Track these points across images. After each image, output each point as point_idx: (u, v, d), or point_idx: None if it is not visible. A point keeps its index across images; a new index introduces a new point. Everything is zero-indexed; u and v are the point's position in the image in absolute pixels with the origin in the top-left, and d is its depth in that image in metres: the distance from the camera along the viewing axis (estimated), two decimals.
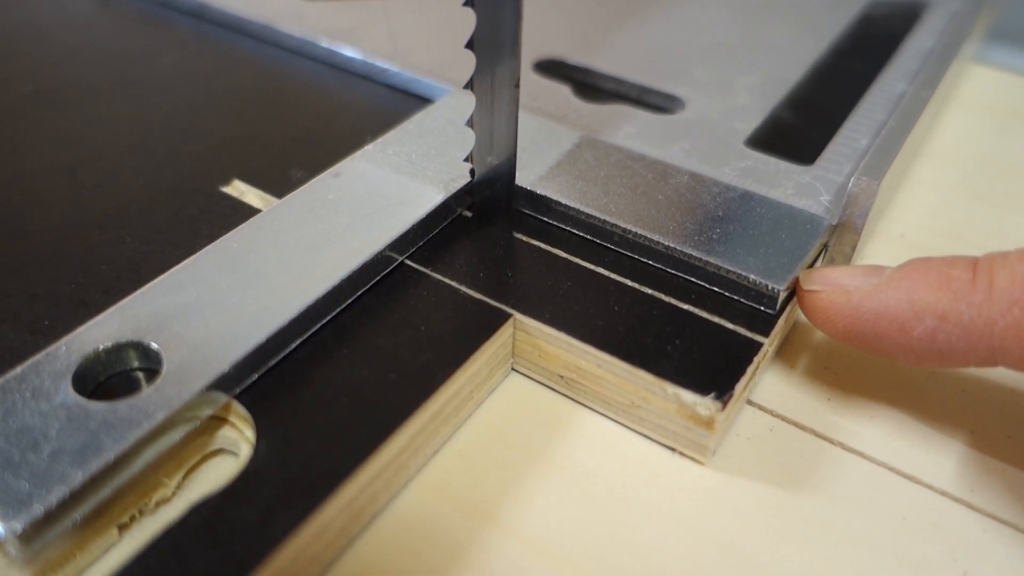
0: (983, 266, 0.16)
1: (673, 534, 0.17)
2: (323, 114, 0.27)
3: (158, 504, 0.16)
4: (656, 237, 0.20)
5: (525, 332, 0.19)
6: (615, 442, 0.18)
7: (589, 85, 0.29)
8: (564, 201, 0.21)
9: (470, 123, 0.20)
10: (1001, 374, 0.20)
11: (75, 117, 0.27)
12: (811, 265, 0.21)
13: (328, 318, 0.19)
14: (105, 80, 0.29)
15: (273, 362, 0.17)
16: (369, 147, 0.23)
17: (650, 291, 0.20)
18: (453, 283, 0.20)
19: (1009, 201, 0.27)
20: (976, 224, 0.26)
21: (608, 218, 0.21)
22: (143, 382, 0.17)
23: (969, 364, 0.17)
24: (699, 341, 0.18)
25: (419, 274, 0.20)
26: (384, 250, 0.20)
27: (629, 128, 0.25)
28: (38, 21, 0.33)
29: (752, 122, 0.26)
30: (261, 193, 0.23)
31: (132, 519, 0.16)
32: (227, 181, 0.24)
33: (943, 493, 0.18)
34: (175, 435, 0.16)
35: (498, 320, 0.19)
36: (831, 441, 0.19)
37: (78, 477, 0.14)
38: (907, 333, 0.17)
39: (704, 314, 0.19)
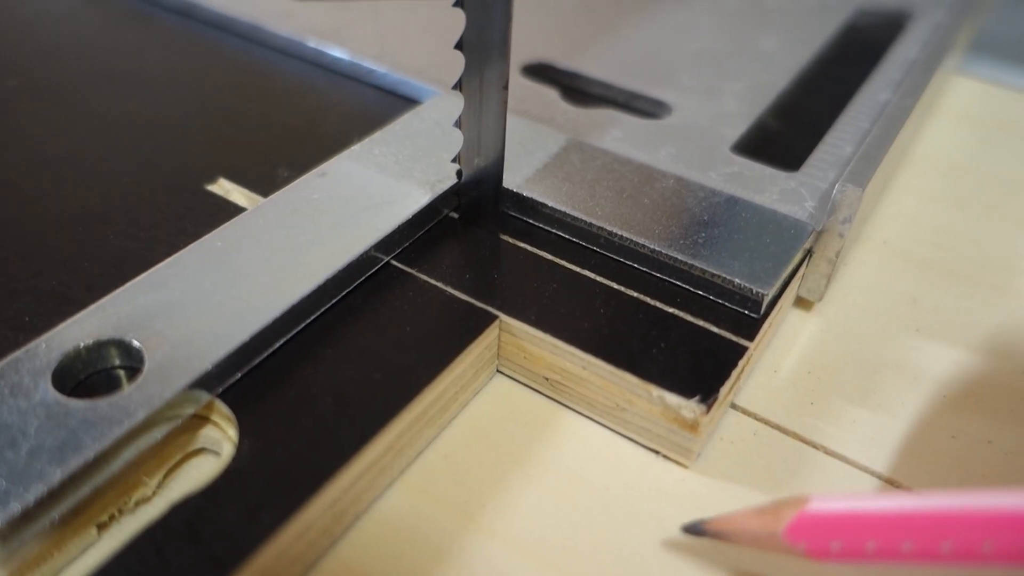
0: None
1: (656, 536, 0.17)
2: (310, 114, 0.27)
3: (138, 503, 0.16)
4: (642, 240, 0.20)
5: (511, 334, 0.19)
6: (599, 444, 0.18)
7: (577, 89, 0.29)
8: (551, 203, 0.21)
9: (458, 124, 0.20)
10: (983, 380, 0.20)
11: (59, 113, 0.26)
12: (796, 270, 0.21)
13: (313, 318, 0.18)
14: (90, 76, 0.29)
15: (257, 361, 0.17)
16: (356, 147, 0.23)
17: (635, 294, 0.20)
18: (439, 284, 0.20)
19: (990, 210, 0.27)
20: (958, 232, 0.26)
21: (594, 221, 0.21)
22: (124, 380, 0.17)
23: None
24: (684, 344, 0.18)
25: (405, 275, 0.20)
26: (370, 250, 0.19)
27: (616, 132, 0.25)
28: (23, 16, 0.32)
29: (738, 128, 0.26)
30: (247, 192, 0.23)
31: (112, 518, 0.16)
32: (212, 179, 0.23)
33: None
34: (156, 434, 0.16)
35: (484, 322, 0.19)
36: (814, 445, 0.19)
37: (56, 475, 0.14)
38: None
39: (689, 317, 0.19)
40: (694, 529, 0.16)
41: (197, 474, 0.17)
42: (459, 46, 0.18)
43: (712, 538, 0.16)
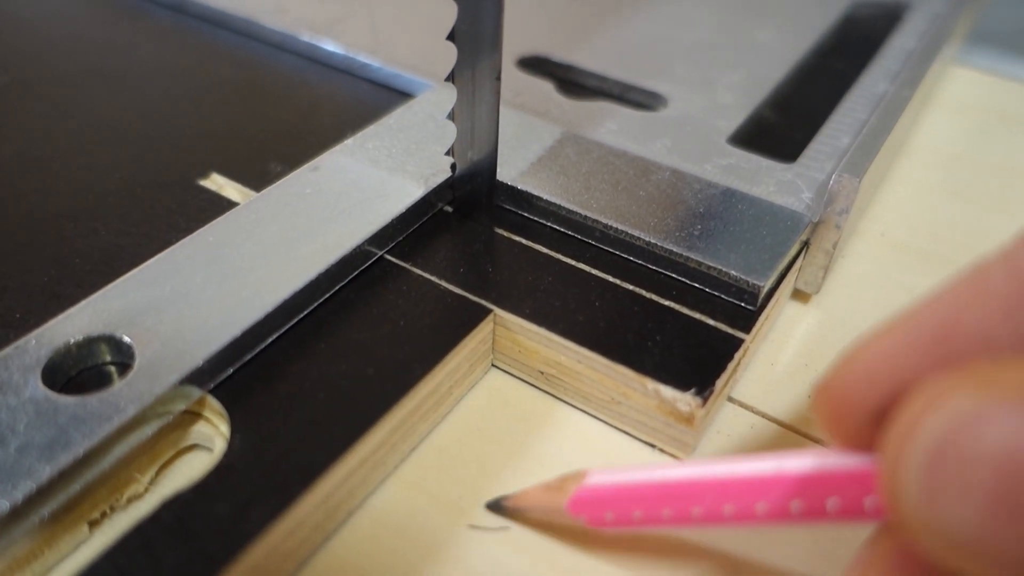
0: None
1: (654, 533, 0.16)
2: (303, 108, 0.27)
3: (130, 500, 0.16)
4: (637, 233, 0.20)
5: (505, 328, 0.19)
6: (595, 438, 0.18)
7: (572, 82, 0.29)
8: (545, 196, 0.21)
9: (451, 116, 0.20)
10: None
11: (51, 108, 0.26)
12: (792, 262, 0.21)
13: (305, 312, 0.18)
14: (82, 71, 0.28)
15: (249, 356, 0.17)
16: (349, 141, 0.23)
17: (631, 287, 0.20)
18: (433, 278, 0.19)
19: (988, 201, 0.27)
20: (955, 223, 0.26)
21: (589, 214, 0.21)
22: (115, 376, 0.17)
23: None
24: (680, 337, 0.18)
25: (398, 269, 0.20)
26: (363, 244, 0.19)
27: (611, 124, 0.25)
28: (15, 11, 0.32)
29: (734, 120, 0.26)
30: (239, 186, 0.23)
31: (103, 515, 0.16)
32: (205, 174, 0.23)
33: None
34: (147, 430, 0.16)
35: (478, 315, 0.19)
36: (811, 438, 0.19)
37: (46, 472, 0.14)
38: None
39: (685, 310, 0.19)
40: (495, 506, 0.17)
41: (189, 470, 0.17)
42: (451, 37, 0.18)
43: (510, 514, 0.16)
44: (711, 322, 0.19)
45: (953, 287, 0.12)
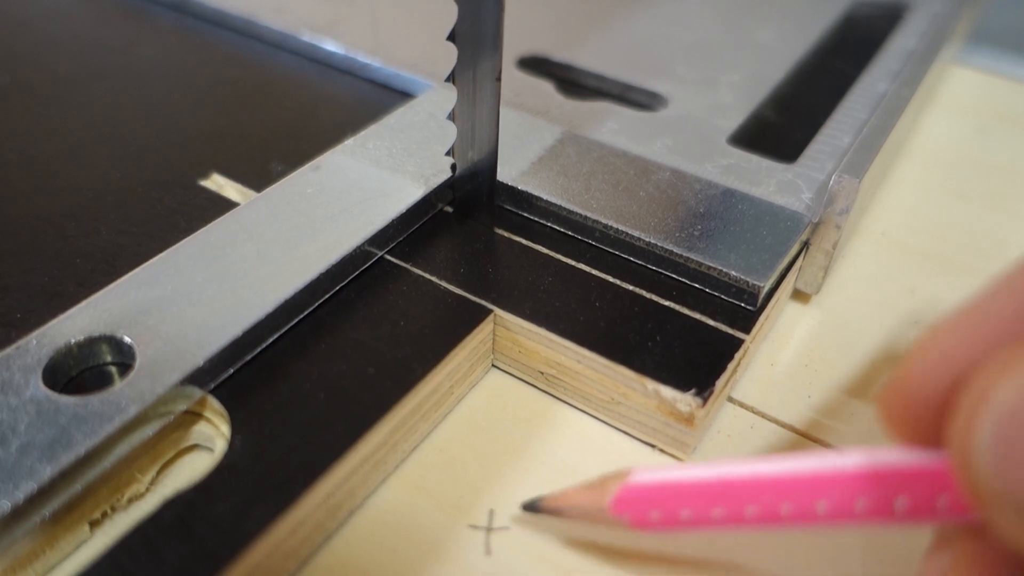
0: None
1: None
2: (304, 108, 0.27)
3: (131, 500, 0.16)
4: (637, 233, 0.20)
5: (505, 328, 0.19)
6: (595, 438, 0.18)
7: (572, 82, 0.29)
8: (546, 197, 0.21)
9: (451, 117, 0.20)
10: None
11: (52, 108, 0.26)
12: (793, 262, 0.21)
13: (306, 312, 0.18)
14: (83, 71, 0.28)
15: (249, 357, 0.17)
16: (349, 141, 0.23)
17: (631, 287, 0.20)
18: (433, 278, 0.19)
19: (989, 200, 0.27)
20: (956, 223, 0.26)
21: (590, 214, 0.21)
22: (116, 376, 0.17)
23: None
24: (680, 337, 0.18)
25: (399, 269, 0.20)
26: (363, 244, 0.19)
27: (612, 124, 0.25)
28: (16, 11, 0.32)
29: (735, 120, 0.26)
30: (240, 187, 0.23)
31: (104, 515, 0.16)
32: (206, 174, 0.23)
33: None
34: (148, 430, 0.16)
35: (478, 316, 0.19)
36: (811, 438, 0.19)
37: (47, 472, 0.14)
38: None
39: (685, 310, 0.19)
40: (531, 507, 0.16)
41: (190, 470, 0.17)
42: (451, 37, 0.18)
43: (548, 515, 0.16)
44: (711, 322, 0.19)
45: (1014, 275, 0.11)
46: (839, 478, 0.12)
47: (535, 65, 0.29)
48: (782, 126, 0.27)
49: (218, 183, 0.23)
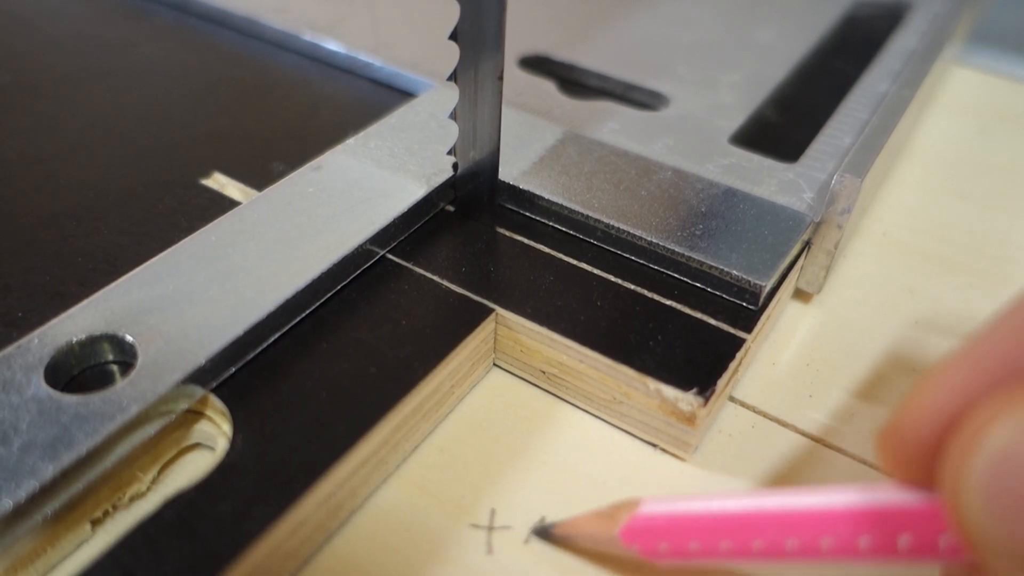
0: None
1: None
2: (305, 107, 0.27)
3: (132, 499, 0.16)
4: (639, 233, 0.20)
5: (507, 327, 0.19)
6: (597, 438, 0.18)
7: (574, 81, 0.29)
8: (547, 196, 0.21)
9: (453, 116, 0.20)
10: None
11: (53, 107, 0.26)
12: (794, 261, 0.21)
13: (307, 312, 0.18)
14: (84, 70, 0.28)
15: (251, 356, 0.17)
16: (351, 141, 0.23)
17: (633, 287, 0.20)
18: (435, 277, 0.19)
19: (990, 200, 0.27)
20: (957, 223, 0.26)
21: (591, 213, 0.21)
22: (117, 375, 0.17)
23: None
24: (681, 337, 0.18)
25: (400, 268, 0.20)
26: (365, 244, 0.19)
27: (613, 124, 0.25)
28: (17, 10, 0.32)
29: (736, 119, 0.26)
30: (241, 186, 0.23)
31: (105, 514, 0.16)
32: (207, 173, 0.23)
33: None
34: (150, 429, 0.16)
35: (480, 315, 0.19)
36: (813, 438, 0.19)
37: (49, 471, 0.14)
38: None
39: (687, 310, 0.19)
40: (542, 533, 0.16)
41: (192, 469, 0.17)
42: (453, 36, 0.18)
43: (559, 542, 0.16)
44: (713, 322, 0.19)
45: (1011, 314, 0.11)
46: (843, 515, 0.12)
47: (537, 64, 0.29)
48: (783, 126, 0.27)
49: (219, 182, 0.23)
